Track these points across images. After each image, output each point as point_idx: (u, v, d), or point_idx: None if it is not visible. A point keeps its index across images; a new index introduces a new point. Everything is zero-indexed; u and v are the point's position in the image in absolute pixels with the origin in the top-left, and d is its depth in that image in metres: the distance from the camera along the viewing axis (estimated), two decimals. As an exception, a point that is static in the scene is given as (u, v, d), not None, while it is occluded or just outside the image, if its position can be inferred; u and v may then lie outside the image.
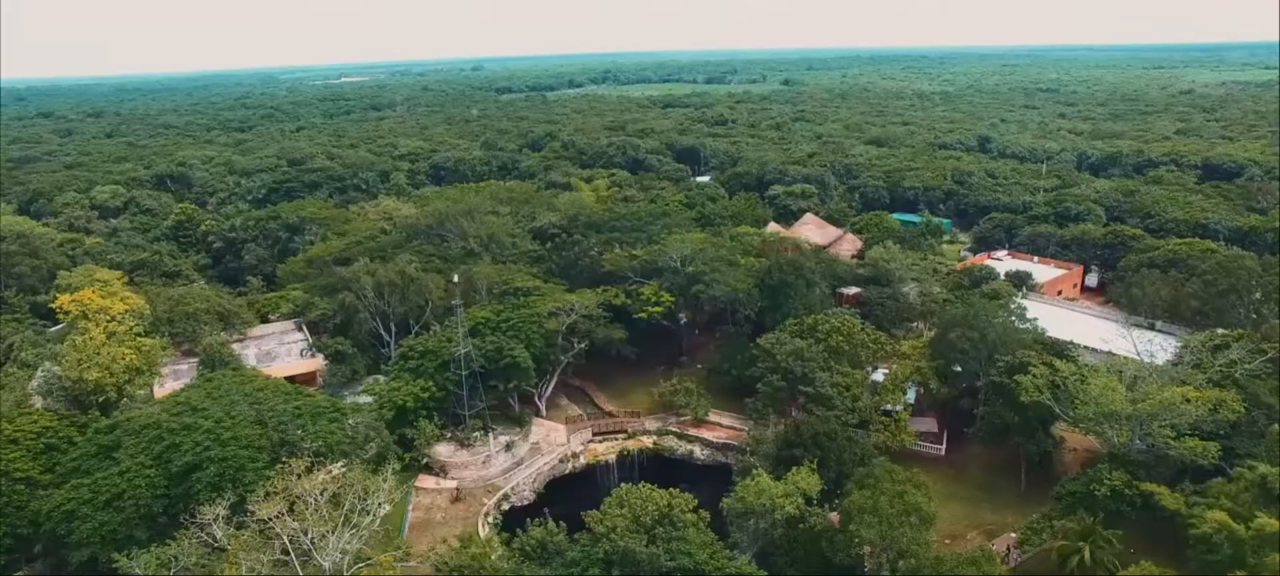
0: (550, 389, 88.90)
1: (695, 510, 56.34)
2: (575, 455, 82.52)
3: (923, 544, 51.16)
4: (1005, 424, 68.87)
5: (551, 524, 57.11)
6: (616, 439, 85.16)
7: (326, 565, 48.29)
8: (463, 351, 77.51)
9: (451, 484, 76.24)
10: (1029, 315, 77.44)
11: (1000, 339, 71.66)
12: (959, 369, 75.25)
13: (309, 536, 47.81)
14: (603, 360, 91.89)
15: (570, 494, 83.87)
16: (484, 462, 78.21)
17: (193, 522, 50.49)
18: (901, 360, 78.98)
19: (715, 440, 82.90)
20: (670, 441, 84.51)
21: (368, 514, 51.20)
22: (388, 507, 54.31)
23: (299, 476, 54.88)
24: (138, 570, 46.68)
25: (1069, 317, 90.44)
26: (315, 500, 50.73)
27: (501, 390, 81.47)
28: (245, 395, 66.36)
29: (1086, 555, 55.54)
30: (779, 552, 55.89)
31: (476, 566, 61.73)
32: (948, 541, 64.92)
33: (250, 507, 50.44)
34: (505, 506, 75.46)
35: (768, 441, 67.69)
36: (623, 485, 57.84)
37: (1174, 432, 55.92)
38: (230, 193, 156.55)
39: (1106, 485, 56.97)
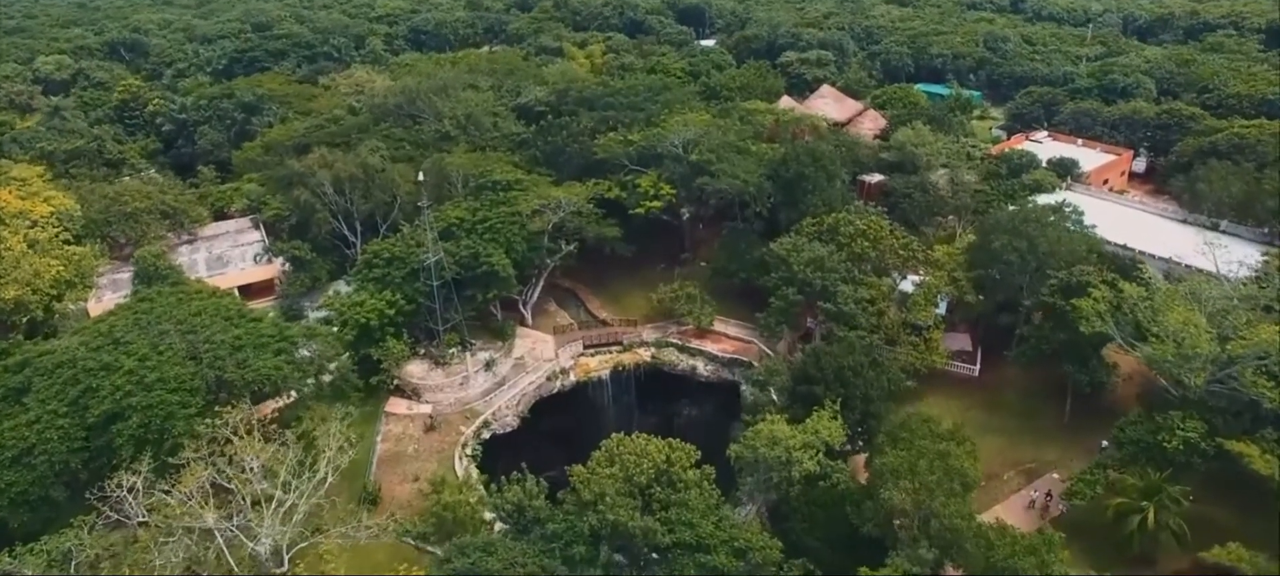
0: (536, 295, 79.96)
1: (697, 465, 48.37)
2: (564, 371, 74.53)
3: (965, 516, 43.24)
4: (1053, 348, 60.10)
5: (531, 482, 49.30)
6: (610, 352, 76.99)
7: (262, 550, 40.57)
8: (433, 259, 67.97)
9: (426, 409, 68.49)
10: (1086, 220, 66.77)
11: (1052, 250, 61.74)
12: (997, 276, 65.67)
13: (235, 522, 39.81)
14: (595, 259, 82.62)
15: (559, 412, 76.65)
16: (461, 384, 70.24)
17: (100, 498, 42.41)
18: (934, 269, 69.35)
19: (720, 354, 74.64)
20: (670, 354, 76.32)
21: (312, 482, 43.02)
22: (339, 466, 46.01)
23: (232, 431, 46.79)
24: (26, 572, 38.82)
25: (1120, 214, 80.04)
26: (248, 469, 42.44)
27: (480, 300, 72.54)
28: (178, 322, 57.26)
29: (1151, 517, 48.01)
30: (795, 514, 48.24)
31: (450, 518, 54.97)
32: (981, 482, 57.40)
33: (162, 487, 42.17)
34: (485, 435, 67.99)
35: (781, 373, 59.10)
36: (614, 436, 49.68)
37: (1272, 381, 46.91)
38: (189, 63, 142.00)
39: (1178, 437, 48.58)
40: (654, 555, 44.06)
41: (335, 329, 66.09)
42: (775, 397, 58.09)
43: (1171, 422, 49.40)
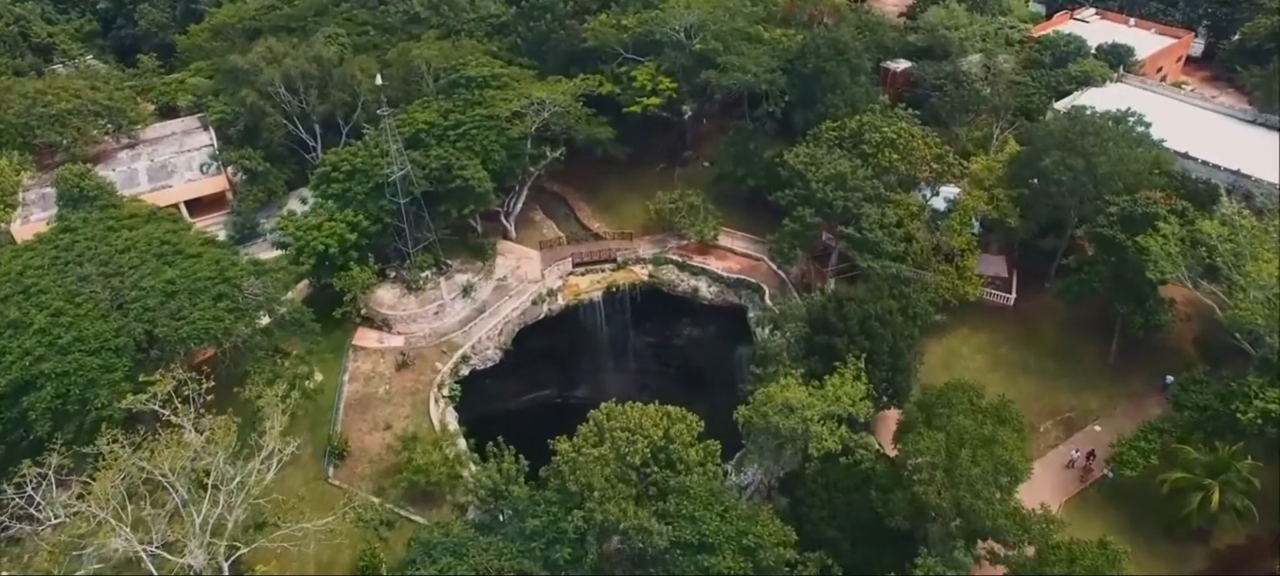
0: (519, 205, 71.95)
1: (701, 439, 42.17)
2: (551, 293, 67.63)
3: (1010, 515, 37.32)
4: (1105, 284, 52.78)
5: (509, 461, 43.06)
6: (603, 270, 69.84)
7: (195, 564, 34.68)
8: (399, 173, 59.64)
9: (397, 341, 61.98)
10: (1152, 132, 57.57)
11: (1113, 170, 53.26)
12: (1045, 196, 57.32)
13: (157, 541, 33.70)
14: (586, 161, 74.17)
15: (547, 335, 70.15)
16: (436, 313, 63.40)
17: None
18: (970, 185, 60.92)
19: (725, 273, 67.54)
20: (669, 273, 69.20)
21: (248, 483, 36.67)
22: (283, 458, 39.47)
23: (162, 403, 40.20)
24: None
25: (1177, 112, 70.23)
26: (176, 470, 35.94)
27: (454, 216, 64.74)
28: (102, 263, 49.73)
29: (1214, 498, 42.14)
30: (811, 498, 42.22)
31: (422, 483, 49.47)
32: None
33: (81, 480, 35.91)
34: (464, 371, 61.76)
35: (797, 318, 51.86)
36: (603, 405, 43.24)
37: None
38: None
39: (1256, 408, 41.98)
40: (649, 552, 38.40)
41: (291, 253, 58.53)
42: (789, 343, 51.12)
43: (1247, 390, 42.75)
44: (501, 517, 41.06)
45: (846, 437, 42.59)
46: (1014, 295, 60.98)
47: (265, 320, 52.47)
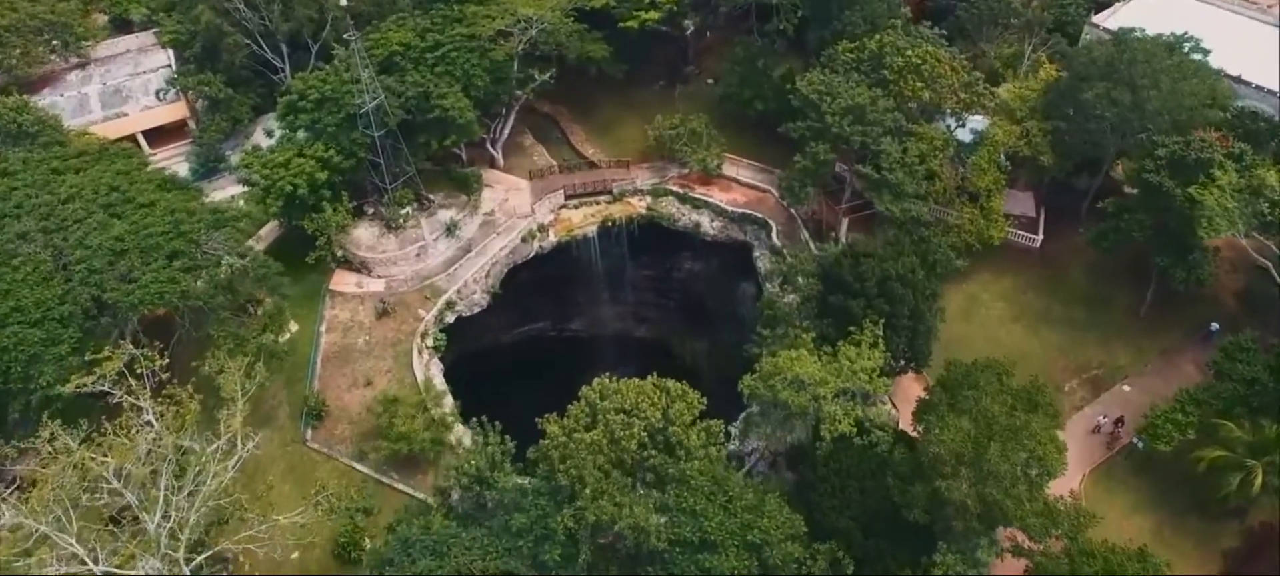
0: (506, 131, 66.53)
1: (702, 419, 38.71)
2: (542, 229, 63.18)
3: (1041, 513, 34.24)
4: (1145, 234, 48.25)
5: (494, 442, 39.59)
6: (598, 202, 65.03)
7: (151, 572, 31.69)
8: (372, 104, 54.21)
9: (377, 285, 57.94)
10: (1210, 59, 51.56)
11: (1164, 106, 47.81)
12: (1083, 130, 51.89)
13: (104, 554, 30.55)
14: (579, 79, 68.46)
15: (540, 268, 66.00)
16: (418, 254, 59.06)
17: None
18: (1001, 118, 55.40)
19: (729, 206, 62.94)
20: (669, 206, 64.59)
21: (204, 489, 33.24)
22: (243, 457, 35.71)
23: (112, 383, 36.52)
24: None
25: (1229, 25, 62.83)
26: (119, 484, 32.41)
27: (434, 148, 59.64)
28: (42, 217, 45.00)
29: (1257, 480, 39.02)
30: (823, 483, 38.85)
31: (404, 451, 46.43)
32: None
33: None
34: (449, 318, 57.94)
35: (810, 272, 47.47)
36: (596, 381, 39.47)
37: None
38: None
39: (1313, 381, 38.34)
40: (646, 549, 35.50)
41: (257, 193, 53.77)
42: (799, 302, 47.04)
43: (1306, 361, 38.99)
44: (489, 504, 38.00)
45: (862, 417, 39.15)
46: (1041, 237, 56.51)
47: (226, 274, 48.11)
